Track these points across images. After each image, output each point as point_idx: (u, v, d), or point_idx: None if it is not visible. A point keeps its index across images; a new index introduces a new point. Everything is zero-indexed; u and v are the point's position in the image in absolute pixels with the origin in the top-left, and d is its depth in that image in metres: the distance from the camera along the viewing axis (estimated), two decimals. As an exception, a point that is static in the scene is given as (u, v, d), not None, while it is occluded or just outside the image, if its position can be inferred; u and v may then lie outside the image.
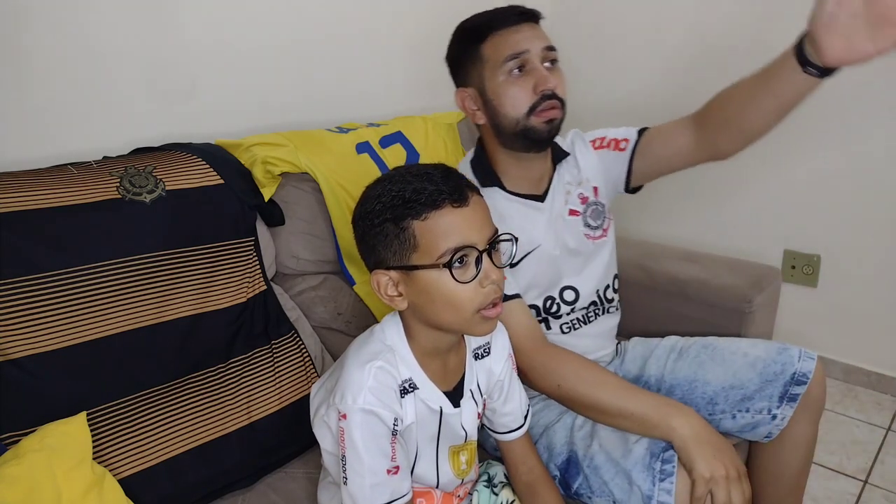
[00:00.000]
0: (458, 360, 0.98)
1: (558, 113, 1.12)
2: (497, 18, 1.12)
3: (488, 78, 1.12)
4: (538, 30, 1.14)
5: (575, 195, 1.27)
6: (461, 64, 1.18)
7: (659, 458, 0.98)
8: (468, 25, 1.18)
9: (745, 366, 1.21)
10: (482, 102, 1.15)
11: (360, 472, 0.85)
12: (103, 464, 0.98)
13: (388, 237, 0.84)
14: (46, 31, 1.23)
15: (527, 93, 1.10)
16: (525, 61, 1.10)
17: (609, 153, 1.30)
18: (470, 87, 1.17)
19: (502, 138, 1.16)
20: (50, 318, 1.00)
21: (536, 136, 1.12)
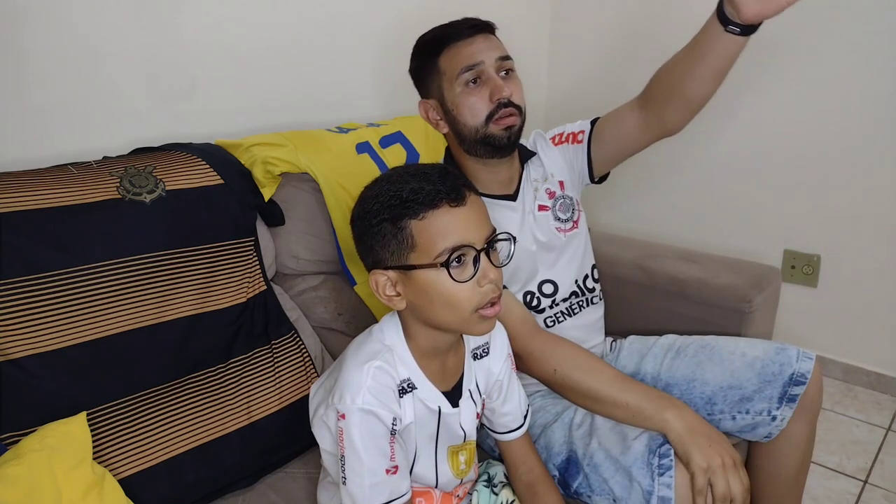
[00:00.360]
0: (456, 360, 0.98)
1: (516, 119, 1.16)
2: (451, 32, 1.17)
3: (447, 89, 1.17)
4: (492, 41, 1.18)
5: (542, 191, 1.30)
6: (421, 77, 1.23)
7: (656, 454, 0.98)
8: (425, 39, 1.22)
9: (744, 366, 1.21)
10: (443, 112, 1.19)
11: (359, 472, 0.85)
12: (103, 464, 0.98)
13: (385, 237, 0.84)
14: (46, 31, 1.23)
15: (484, 102, 1.14)
16: (480, 73, 1.14)
17: (569, 147, 1.34)
18: (431, 98, 1.21)
19: (465, 145, 1.19)
20: (50, 318, 1.00)
21: (496, 142, 1.15)
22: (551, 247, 1.28)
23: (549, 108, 2.57)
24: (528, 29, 2.40)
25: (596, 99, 2.40)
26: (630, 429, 1.05)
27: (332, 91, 1.75)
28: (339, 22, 1.73)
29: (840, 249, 2.08)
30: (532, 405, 1.20)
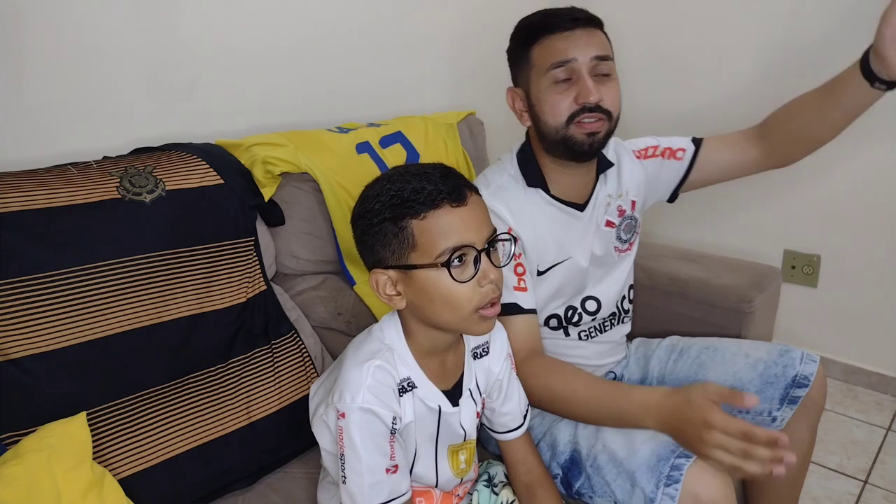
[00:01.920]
0: (456, 360, 0.98)
1: (601, 126, 1.08)
2: (550, 21, 1.08)
3: (534, 83, 1.10)
4: (594, 37, 1.09)
5: (614, 207, 1.26)
6: (514, 63, 1.17)
7: (668, 463, 0.96)
8: (523, 24, 1.14)
9: (747, 367, 1.21)
10: (528, 106, 1.14)
11: (358, 471, 0.85)
12: (103, 464, 0.98)
13: (386, 236, 0.84)
14: (46, 31, 1.23)
15: (567, 102, 1.07)
16: (571, 71, 1.07)
17: (661, 162, 1.30)
18: (519, 87, 1.15)
19: (546, 143, 1.14)
20: (50, 318, 1.00)
21: (576, 147, 1.09)
22: (603, 263, 1.26)
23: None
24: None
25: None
26: (637, 432, 1.03)
27: (332, 91, 1.74)
28: (339, 22, 1.73)
29: (840, 249, 2.08)
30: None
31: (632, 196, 1.28)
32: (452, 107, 1.97)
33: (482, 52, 2.21)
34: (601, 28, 1.11)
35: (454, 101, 2.06)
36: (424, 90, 2.01)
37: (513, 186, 1.17)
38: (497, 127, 2.20)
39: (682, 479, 0.94)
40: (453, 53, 2.09)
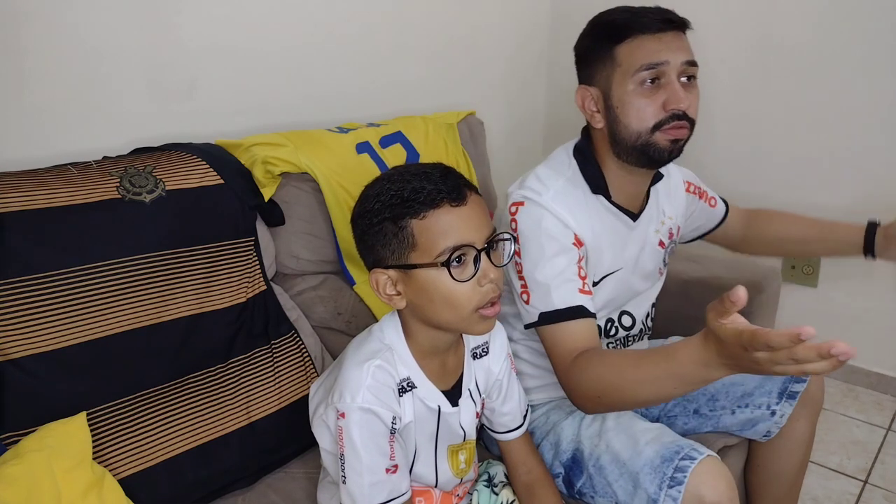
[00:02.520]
0: (456, 360, 0.98)
1: (685, 133, 1.04)
2: (640, 21, 1.02)
3: (617, 83, 1.04)
4: (683, 40, 1.04)
5: (666, 228, 1.24)
6: (589, 61, 1.09)
7: (673, 465, 0.95)
8: (606, 21, 1.07)
9: None
10: (604, 107, 1.07)
11: (358, 471, 0.85)
12: (103, 464, 0.98)
13: (386, 236, 0.84)
14: (46, 31, 1.23)
15: (655, 108, 1.02)
16: (661, 73, 1.02)
17: (697, 203, 1.32)
18: (594, 87, 1.09)
19: (617, 148, 1.08)
20: (50, 318, 1.00)
21: (656, 154, 1.05)
22: (647, 279, 1.24)
23: (548, 108, 2.57)
24: (527, 28, 2.40)
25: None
26: (641, 433, 1.03)
27: (332, 91, 1.74)
28: (340, 22, 1.73)
29: (840, 249, 2.08)
30: (544, 404, 1.20)
31: (678, 221, 1.28)
32: (452, 107, 1.97)
33: (482, 52, 2.21)
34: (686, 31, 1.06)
35: (454, 101, 2.06)
36: (424, 90, 2.01)
37: (573, 191, 1.11)
38: (497, 127, 2.20)
39: (685, 481, 0.93)
40: (453, 53, 2.09)
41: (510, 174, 2.35)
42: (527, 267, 1.06)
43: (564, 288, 1.04)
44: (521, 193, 1.09)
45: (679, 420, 1.26)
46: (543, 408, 1.20)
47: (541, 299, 1.05)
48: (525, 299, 1.07)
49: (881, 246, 1.21)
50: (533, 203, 1.07)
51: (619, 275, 1.17)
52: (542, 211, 1.07)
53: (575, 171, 1.13)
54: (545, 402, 1.23)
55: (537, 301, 1.05)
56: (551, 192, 1.09)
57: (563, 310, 1.03)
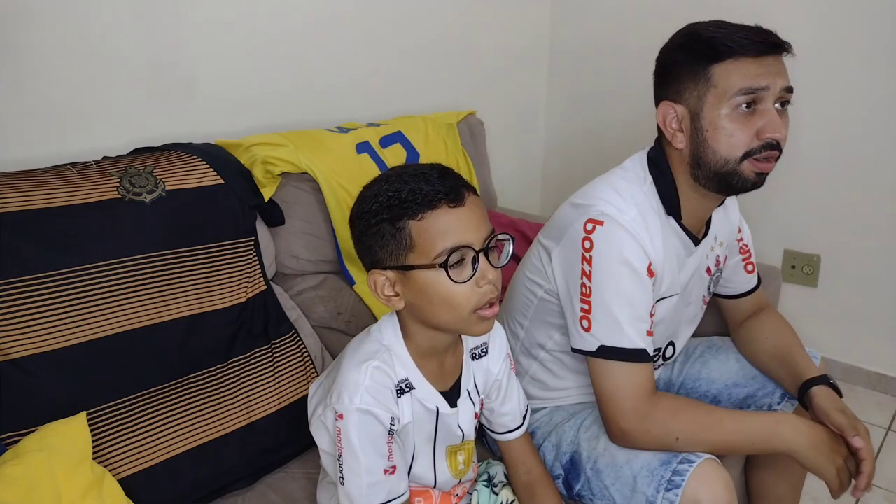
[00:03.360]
0: (455, 361, 0.98)
1: (773, 165, 1.00)
2: (743, 42, 0.95)
3: (710, 105, 0.97)
4: (782, 65, 0.99)
5: (715, 254, 1.18)
6: (677, 76, 1.01)
7: (671, 468, 0.95)
8: (703, 36, 0.98)
9: (749, 365, 1.22)
10: (691, 128, 1.00)
11: (356, 472, 0.85)
12: (103, 464, 0.98)
13: (384, 237, 0.84)
14: (46, 31, 1.23)
15: (748, 135, 0.96)
16: (759, 99, 0.96)
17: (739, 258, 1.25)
18: (680, 105, 1.01)
19: (697, 171, 1.02)
20: (50, 318, 1.00)
21: (740, 183, 0.99)
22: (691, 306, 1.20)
23: (548, 108, 2.57)
24: (527, 28, 2.40)
25: (596, 100, 2.41)
26: None
27: (332, 91, 1.75)
28: (340, 22, 1.73)
29: (840, 249, 2.08)
30: (547, 406, 1.20)
31: (726, 252, 1.21)
32: (452, 107, 1.97)
33: (482, 52, 2.21)
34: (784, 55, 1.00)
35: (454, 101, 2.06)
36: (424, 90, 2.01)
37: (649, 211, 1.04)
38: (497, 127, 2.20)
39: (682, 485, 0.93)
40: (453, 53, 2.09)
41: (510, 174, 2.38)
42: (597, 293, 0.99)
43: (636, 327, 0.99)
44: (601, 210, 1.01)
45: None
46: (546, 409, 1.20)
47: (606, 332, 0.99)
48: (585, 326, 1.00)
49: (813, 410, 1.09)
50: (614, 223, 1.00)
51: (672, 301, 1.11)
52: (624, 234, 1.00)
53: (650, 188, 1.06)
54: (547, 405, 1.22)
55: (601, 332, 0.99)
56: (633, 212, 1.02)
57: (629, 350, 0.99)
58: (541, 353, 1.17)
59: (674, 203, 1.06)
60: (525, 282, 1.15)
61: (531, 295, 1.13)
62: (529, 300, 1.14)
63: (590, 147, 2.46)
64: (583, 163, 2.45)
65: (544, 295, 1.11)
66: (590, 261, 1.00)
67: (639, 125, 1.85)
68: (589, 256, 1.00)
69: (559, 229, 1.07)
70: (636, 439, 1.00)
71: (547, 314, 1.12)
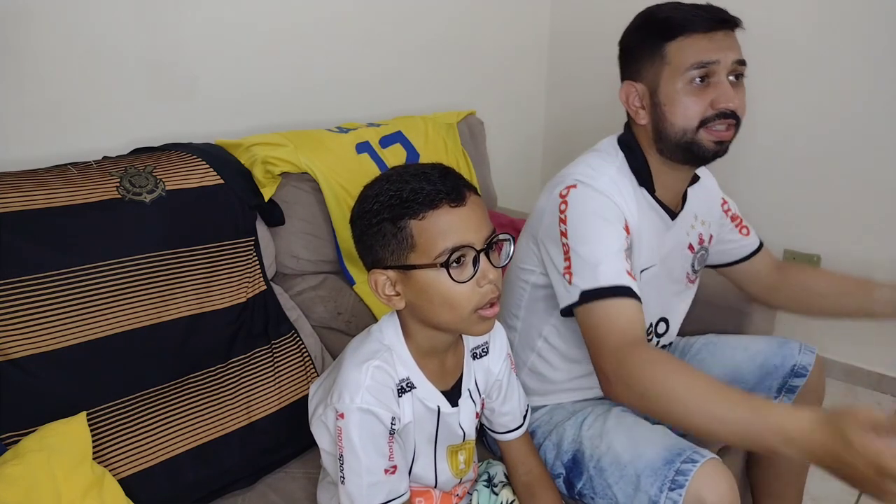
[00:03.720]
0: (455, 360, 0.98)
1: (731, 134, 1.04)
2: (693, 19, 1.01)
3: (666, 80, 1.03)
4: (733, 39, 1.04)
5: (697, 232, 1.21)
6: (636, 56, 1.08)
7: (674, 467, 0.95)
8: (657, 17, 1.05)
9: (747, 359, 1.23)
10: (650, 104, 1.06)
11: (357, 472, 0.85)
12: (103, 464, 0.98)
13: (385, 237, 0.84)
14: (46, 31, 1.23)
15: (701, 106, 1.01)
16: (711, 72, 1.01)
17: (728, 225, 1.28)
18: (640, 83, 1.07)
19: (661, 145, 1.07)
20: (50, 318, 1.00)
21: (701, 152, 1.04)
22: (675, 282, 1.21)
23: (548, 108, 2.57)
24: (527, 28, 2.40)
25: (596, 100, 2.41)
26: (643, 435, 1.03)
27: (332, 91, 1.75)
28: (340, 22, 1.73)
29: (840, 249, 2.08)
30: (546, 404, 1.20)
31: (710, 230, 1.24)
32: (452, 107, 1.97)
33: (482, 52, 2.21)
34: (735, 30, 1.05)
35: (454, 101, 2.06)
36: (424, 90, 2.01)
37: (623, 181, 1.10)
38: (497, 127, 2.20)
39: (686, 485, 0.93)
40: (453, 53, 2.09)
41: (510, 174, 2.37)
42: (574, 245, 1.02)
43: (613, 266, 0.99)
44: (574, 178, 1.06)
45: (679, 419, 1.26)
46: (546, 407, 1.20)
47: (585, 277, 0.99)
48: (568, 279, 1.01)
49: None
50: (586, 186, 1.05)
51: (654, 272, 1.14)
52: (597, 194, 1.04)
53: (623, 162, 1.11)
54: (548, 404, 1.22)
55: (580, 280, 0.99)
56: (605, 178, 1.07)
57: (608, 287, 0.98)
58: (538, 342, 1.18)
59: (645, 175, 1.10)
60: (517, 272, 1.17)
61: (524, 284, 1.15)
62: (522, 289, 1.15)
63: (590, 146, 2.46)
64: (583, 163, 2.45)
65: (536, 280, 1.13)
66: (565, 220, 1.03)
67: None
68: (564, 216, 1.03)
69: (539, 213, 1.11)
70: (614, 386, 0.94)
71: (540, 300, 1.14)
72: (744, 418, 0.81)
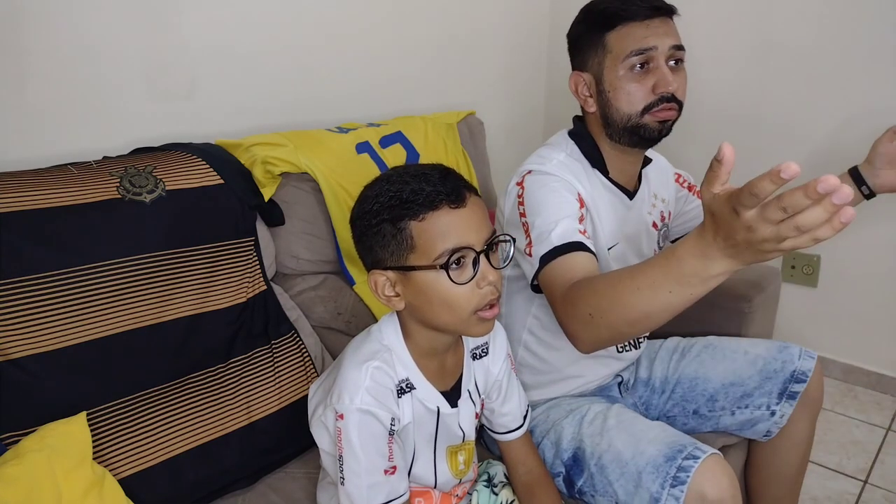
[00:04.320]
0: (455, 361, 0.98)
1: (673, 114, 1.09)
2: (629, 8, 1.06)
3: (608, 69, 1.09)
4: (670, 25, 1.08)
5: (658, 210, 1.26)
6: (581, 48, 1.13)
7: (676, 464, 0.96)
8: (597, 9, 1.11)
9: (746, 363, 1.22)
10: (596, 91, 1.12)
11: (357, 472, 0.85)
12: (103, 464, 0.98)
13: (385, 237, 0.84)
14: (46, 31, 1.23)
15: (644, 91, 1.07)
16: (650, 58, 1.06)
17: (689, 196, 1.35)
18: (586, 72, 1.13)
19: (609, 130, 1.13)
20: (50, 318, 1.00)
21: (647, 133, 1.09)
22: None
23: (548, 108, 2.57)
24: (527, 28, 2.40)
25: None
26: (643, 431, 1.03)
27: (332, 91, 1.75)
28: (340, 22, 1.73)
29: (840, 249, 2.08)
30: (544, 403, 1.20)
31: (669, 207, 1.29)
32: (452, 107, 1.97)
33: (482, 52, 2.21)
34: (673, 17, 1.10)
35: (454, 101, 2.06)
36: (424, 90, 2.01)
37: (573, 165, 1.15)
38: (497, 127, 2.20)
39: (688, 481, 0.94)
40: (453, 53, 2.09)
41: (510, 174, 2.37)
42: (531, 219, 1.06)
43: (563, 226, 1.02)
44: (527, 167, 1.13)
45: (678, 420, 1.26)
46: (543, 405, 1.21)
47: (542, 244, 1.02)
48: (528, 252, 1.04)
49: (869, 173, 1.21)
50: (539, 171, 1.11)
51: (620, 249, 1.18)
52: (548, 175, 1.10)
53: (573, 148, 1.17)
54: (545, 401, 1.23)
55: (539, 248, 1.02)
56: (555, 161, 1.13)
57: (560, 245, 0.99)
58: (524, 334, 1.21)
59: (597, 158, 1.16)
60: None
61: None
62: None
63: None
64: (583, 163, 2.46)
65: (509, 272, 1.19)
66: (523, 202, 1.09)
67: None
68: (521, 199, 1.09)
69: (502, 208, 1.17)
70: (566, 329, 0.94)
71: (516, 293, 1.19)
72: (666, 270, 0.78)
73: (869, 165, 1.20)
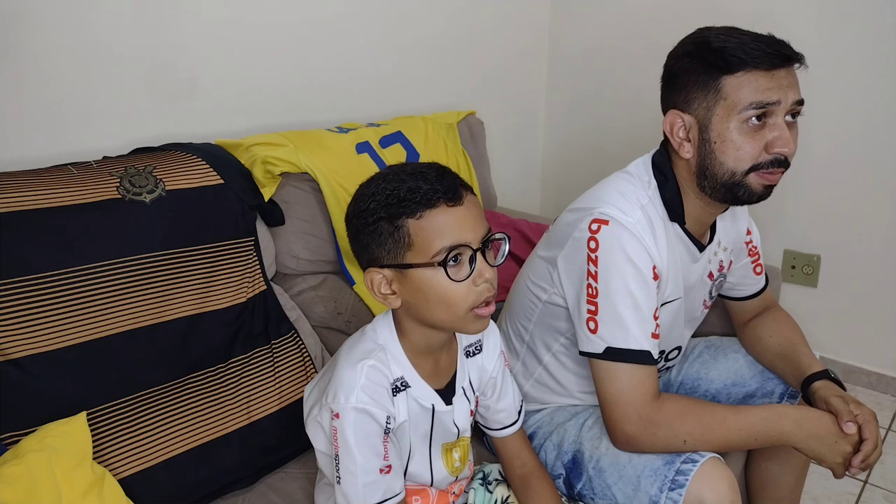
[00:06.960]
0: (449, 358, 0.98)
1: (779, 178, 0.99)
2: (754, 53, 0.93)
3: (718, 117, 0.96)
4: (794, 76, 0.96)
5: (717, 260, 1.17)
6: (686, 85, 0.99)
7: (674, 467, 0.95)
8: (714, 45, 0.96)
9: (747, 364, 1.22)
10: (699, 139, 0.99)
11: (353, 472, 0.85)
12: (103, 464, 0.99)
13: (382, 235, 0.84)
14: (46, 32, 1.23)
15: (756, 149, 0.95)
16: (769, 112, 0.95)
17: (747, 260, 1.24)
18: (689, 114, 0.99)
19: (704, 182, 1.01)
20: (50, 318, 1.01)
21: (746, 195, 0.99)
22: (692, 316, 1.19)
23: (548, 108, 2.57)
24: (527, 28, 2.40)
25: (596, 101, 2.41)
26: None
27: (332, 91, 1.75)
28: (340, 22, 1.73)
29: (840, 249, 2.08)
30: (548, 406, 1.20)
31: (731, 256, 1.20)
32: (452, 107, 1.97)
33: (482, 52, 2.21)
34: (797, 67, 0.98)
35: (454, 101, 2.06)
36: (424, 90, 2.01)
37: (654, 217, 1.04)
38: (497, 127, 2.20)
39: (686, 484, 0.94)
40: (453, 53, 2.09)
41: (510, 174, 2.37)
42: (603, 293, 0.98)
43: (642, 328, 0.98)
44: (605, 211, 1.00)
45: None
46: (547, 409, 1.20)
47: (612, 333, 0.98)
48: (592, 327, 0.99)
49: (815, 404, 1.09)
50: (618, 224, 0.99)
51: (676, 305, 1.11)
52: (629, 235, 0.99)
53: (655, 193, 1.06)
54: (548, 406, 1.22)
55: (607, 333, 0.98)
56: (638, 214, 1.01)
57: (635, 351, 0.98)
58: (546, 356, 1.15)
59: (678, 209, 1.05)
60: (528, 285, 1.14)
61: (535, 299, 1.13)
62: (533, 304, 1.13)
63: (589, 147, 2.46)
64: (582, 163, 2.46)
65: (549, 299, 1.10)
66: (595, 261, 0.99)
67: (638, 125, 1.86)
68: (595, 256, 0.99)
69: (562, 235, 1.06)
70: (642, 443, 0.99)
71: (551, 318, 1.11)
72: (759, 423, 0.99)
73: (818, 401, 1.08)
